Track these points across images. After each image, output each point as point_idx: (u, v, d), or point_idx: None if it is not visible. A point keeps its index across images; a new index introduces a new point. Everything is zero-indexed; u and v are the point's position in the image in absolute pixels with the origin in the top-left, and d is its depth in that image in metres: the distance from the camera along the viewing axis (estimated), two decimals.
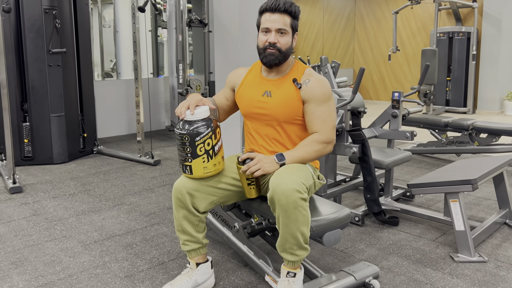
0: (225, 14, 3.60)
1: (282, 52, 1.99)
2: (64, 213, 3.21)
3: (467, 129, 4.39)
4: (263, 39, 2.00)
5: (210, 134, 1.92)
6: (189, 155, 1.92)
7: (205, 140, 1.91)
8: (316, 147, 1.97)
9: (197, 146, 1.91)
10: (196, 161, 1.93)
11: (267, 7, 1.98)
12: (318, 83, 2.02)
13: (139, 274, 2.31)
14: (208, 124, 1.92)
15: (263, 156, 1.90)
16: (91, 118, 5.08)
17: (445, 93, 8.25)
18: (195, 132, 1.90)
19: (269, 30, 1.98)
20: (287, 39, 1.99)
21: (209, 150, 1.93)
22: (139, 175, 4.21)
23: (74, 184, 3.90)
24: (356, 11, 10.04)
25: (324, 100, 1.99)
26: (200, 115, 1.92)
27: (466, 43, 7.91)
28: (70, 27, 4.61)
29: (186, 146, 1.91)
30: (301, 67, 2.08)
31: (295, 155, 1.94)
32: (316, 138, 1.98)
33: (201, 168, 1.94)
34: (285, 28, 1.97)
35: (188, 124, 1.91)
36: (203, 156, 1.92)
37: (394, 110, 3.40)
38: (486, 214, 3.16)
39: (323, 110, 1.99)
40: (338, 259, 2.48)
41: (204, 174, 1.95)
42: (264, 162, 1.88)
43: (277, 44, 1.97)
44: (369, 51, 9.96)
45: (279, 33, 1.98)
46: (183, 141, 1.91)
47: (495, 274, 2.30)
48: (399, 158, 3.07)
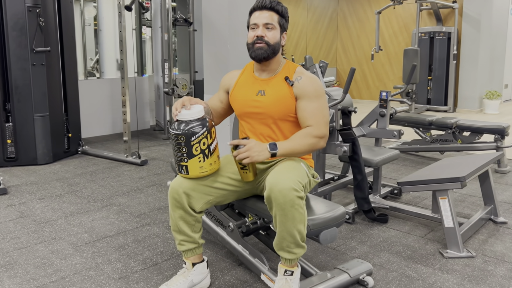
0: (214, 13, 3.59)
1: (270, 45, 2.02)
2: (52, 214, 3.16)
3: (450, 128, 4.48)
4: (251, 35, 2.05)
5: (206, 134, 1.92)
6: (185, 155, 1.92)
7: (201, 140, 1.91)
8: (310, 140, 1.98)
9: (192, 146, 1.91)
10: (192, 161, 1.93)
11: (255, 6, 2.06)
12: (309, 80, 2.05)
13: (133, 275, 2.30)
14: (203, 124, 1.92)
15: (254, 144, 1.88)
16: (75, 118, 5.01)
17: (426, 92, 8.39)
18: (190, 132, 1.90)
19: (256, 25, 2.03)
20: (274, 34, 2.03)
21: (205, 149, 1.93)
22: (127, 175, 4.17)
23: (61, 185, 3.85)
24: (339, 11, 10.13)
25: (316, 97, 2.02)
26: (195, 115, 1.92)
27: (446, 43, 8.06)
28: (54, 25, 4.54)
29: (182, 146, 1.91)
30: (292, 65, 2.11)
31: (287, 146, 1.94)
32: (310, 131, 1.99)
33: (197, 168, 1.94)
34: (271, 23, 2.03)
35: (183, 124, 1.91)
36: (199, 155, 1.92)
37: (381, 109, 3.45)
38: (472, 210, 3.24)
39: (316, 106, 2.01)
40: (331, 256, 2.51)
41: (200, 173, 1.95)
42: (253, 151, 1.87)
43: (265, 38, 2.01)
44: (352, 51, 10.06)
45: (266, 28, 2.02)
46: (178, 141, 1.91)
47: (483, 269, 2.36)
48: (388, 156, 3.12)
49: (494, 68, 8.71)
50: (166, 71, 5.57)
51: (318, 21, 10.17)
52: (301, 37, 10.34)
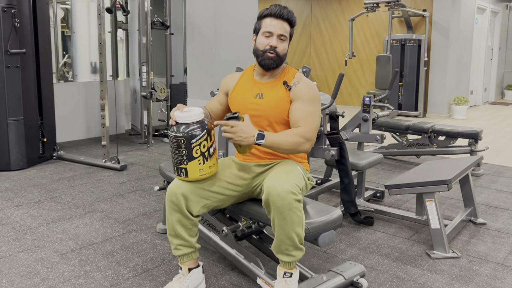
0: (199, 17, 3.58)
1: (280, 57, 2.04)
2: (33, 221, 3.06)
3: (426, 132, 4.61)
4: (264, 42, 2.04)
5: (206, 136, 1.91)
6: (185, 158, 1.91)
7: (201, 142, 1.90)
8: (296, 139, 1.97)
9: (193, 148, 1.89)
10: (192, 164, 1.91)
11: (272, 13, 2.03)
12: (307, 85, 2.07)
13: (125, 283, 2.25)
14: (203, 126, 1.92)
15: (243, 127, 1.86)
16: (50, 122, 4.87)
17: (397, 97, 8.61)
18: (190, 134, 1.88)
19: (271, 34, 2.03)
20: (285, 45, 2.06)
21: (205, 152, 1.92)
22: (106, 180, 4.08)
23: (38, 191, 3.73)
24: (312, 17, 10.27)
25: (311, 101, 2.04)
26: (195, 117, 1.91)
27: (417, 50, 8.30)
28: (29, 26, 4.41)
29: (182, 149, 1.90)
30: (291, 71, 2.13)
31: (274, 140, 1.92)
32: (299, 131, 1.99)
33: (196, 171, 1.93)
34: (285, 35, 2.04)
35: (184, 127, 1.90)
36: (199, 158, 1.91)
37: (364, 114, 3.52)
38: (451, 212, 3.34)
39: (309, 109, 2.04)
40: (322, 259, 2.53)
41: (200, 176, 1.94)
42: (238, 134, 1.85)
43: (277, 49, 2.03)
44: (325, 56, 10.21)
45: (280, 39, 2.03)
46: (178, 143, 1.89)
47: (469, 268, 2.44)
48: (373, 160, 3.18)
49: (461, 75, 9.03)
50: (144, 75, 5.49)
51: None
52: None
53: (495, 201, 3.60)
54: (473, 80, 9.90)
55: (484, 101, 10.77)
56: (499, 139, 6.33)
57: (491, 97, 11.21)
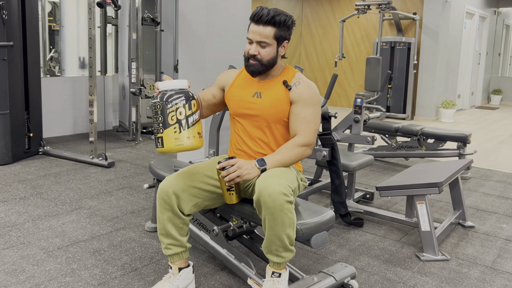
0: (192, 14, 3.54)
1: (263, 63, 1.99)
2: (18, 218, 2.99)
3: (416, 135, 4.63)
4: (246, 49, 2.02)
5: (184, 103, 1.85)
6: (161, 125, 1.85)
7: (177, 108, 1.84)
8: (297, 151, 1.99)
9: (168, 114, 1.84)
10: (167, 131, 1.85)
11: (252, 17, 1.97)
12: (307, 86, 2.05)
13: (113, 281, 2.21)
14: (183, 94, 1.87)
15: (243, 162, 1.87)
16: (37, 117, 4.78)
17: (386, 100, 8.66)
18: (166, 99, 1.84)
19: (251, 41, 1.99)
20: (268, 51, 1.98)
21: (182, 120, 1.85)
22: (94, 177, 4.02)
23: (23, 187, 3.65)
24: (303, 17, 10.28)
25: (311, 104, 2.02)
26: (177, 85, 1.87)
27: (406, 52, 8.35)
28: (17, 19, 4.32)
29: (158, 115, 1.85)
30: (291, 71, 2.10)
31: (276, 159, 1.95)
32: (297, 141, 2.00)
33: (172, 139, 1.85)
34: (265, 41, 1.96)
35: (162, 93, 1.87)
36: (175, 125, 1.84)
37: (356, 115, 3.52)
38: (440, 215, 3.36)
39: (308, 113, 2.02)
40: (312, 260, 2.52)
41: (176, 145, 1.85)
42: (244, 169, 1.86)
43: (258, 56, 1.98)
44: (314, 57, 10.23)
45: (260, 46, 1.98)
46: (155, 110, 1.86)
47: (458, 271, 2.45)
48: (364, 161, 3.18)
49: (449, 79, 9.12)
50: (133, 71, 5.42)
51: None
52: None
53: (483, 204, 3.63)
54: (461, 84, 10.01)
55: (471, 105, 10.90)
56: (486, 143, 6.41)
57: (477, 101, 11.35)
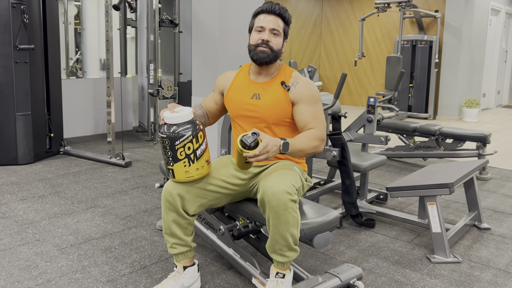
0: (204, 14, 3.58)
1: (274, 51, 2.02)
2: (35, 216, 3.08)
3: (434, 134, 4.56)
4: (256, 37, 2.03)
5: (191, 138, 1.88)
6: (171, 159, 1.90)
7: (185, 144, 1.87)
8: (315, 143, 1.95)
9: (177, 150, 1.87)
10: (177, 165, 1.90)
11: (263, 9, 2.03)
12: (306, 85, 2.05)
13: (122, 279, 2.25)
14: (189, 128, 1.88)
15: (270, 146, 1.77)
16: (58, 118, 4.91)
17: (407, 99, 8.53)
18: (174, 135, 1.86)
19: (263, 28, 2.02)
20: (279, 40, 2.03)
21: (190, 154, 1.89)
22: (110, 176, 4.10)
23: (43, 186, 3.76)
24: (323, 17, 10.22)
25: (314, 101, 2.02)
26: (183, 118, 1.88)
27: (428, 51, 8.21)
28: (38, 23, 4.45)
29: (167, 150, 1.89)
30: (288, 70, 2.11)
31: (297, 146, 1.88)
32: (316, 133, 1.96)
33: (182, 172, 1.91)
34: (278, 29, 2.02)
35: (169, 128, 1.88)
36: (184, 160, 1.89)
37: (369, 115, 3.49)
38: (456, 216, 3.30)
39: (315, 109, 2.02)
40: (320, 261, 2.51)
41: (186, 178, 1.92)
42: (270, 153, 1.78)
43: (270, 43, 2.00)
44: (335, 56, 10.16)
45: (272, 34, 2.02)
46: (164, 144, 1.89)
47: (469, 274, 2.40)
48: (376, 161, 3.15)
49: (473, 77, 8.91)
50: (151, 72, 5.51)
51: (302, 26, 10.24)
52: None
53: (501, 206, 3.54)
54: (486, 83, 9.77)
55: (497, 104, 10.63)
56: (510, 143, 6.24)
57: (504, 100, 11.06)
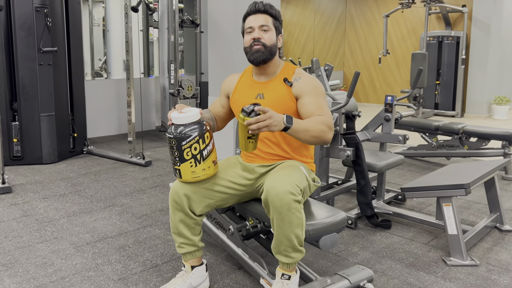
0: (220, 15, 3.59)
1: (267, 47, 2.00)
2: (55, 214, 3.17)
3: (457, 133, 4.43)
4: (248, 38, 2.05)
5: (197, 139, 1.89)
6: (177, 159, 1.91)
7: (192, 145, 1.89)
8: (321, 127, 1.91)
9: (183, 150, 1.89)
10: (184, 165, 1.91)
11: (249, 11, 2.06)
12: (309, 79, 2.04)
13: (133, 277, 2.29)
14: (196, 128, 1.89)
15: (273, 113, 1.75)
16: (81, 118, 5.03)
17: (434, 96, 8.34)
18: (181, 136, 1.88)
19: (252, 28, 2.02)
20: (270, 35, 2.02)
21: (197, 154, 1.90)
22: (130, 176, 4.18)
23: (65, 185, 3.86)
24: (347, 14, 10.10)
25: (318, 93, 2.00)
26: (189, 118, 1.90)
27: (455, 47, 8.00)
28: (61, 25, 4.56)
29: (174, 150, 1.90)
30: (291, 67, 2.10)
31: (301, 124, 1.85)
32: (322, 119, 1.93)
33: (189, 173, 1.92)
34: (267, 25, 2.02)
35: (176, 128, 1.90)
36: (190, 160, 1.90)
37: (387, 113, 3.42)
38: (477, 218, 3.20)
39: (319, 101, 1.99)
40: (332, 262, 2.48)
41: (193, 178, 1.94)
42: (273, 120, 1.75)
43: (262, 40, 2.00)
44: (359, 54, 10.02)
45: (262, 30, 2.02)
46: (171, 144, 1.91)
47: (487, 278, 2.33)
48: (392, 161, 3.09)
49: (504, 74, 8.63)
50: (172, 73, 5.57)
51: (326, 23, 10.15)
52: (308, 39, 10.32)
53: None
54: None
55: None
56: None
57: None
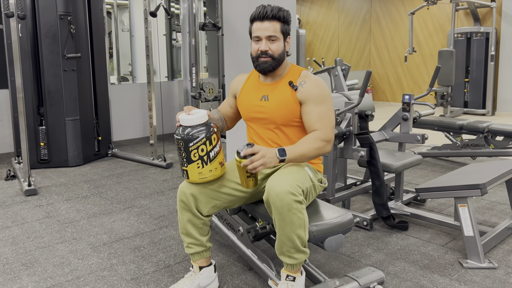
0: (235, 17, 3.62)
1: (275, 58, 2.00)
2: (76, 215, 3.26)
3: (482, 132, 4.30)
4: (255, 48, 2.02)
5: (204, 140, 1.91)
6: (185, 160, 1.94)
7: (199, 146, 1.91)
8: (317, 144, 1.94)
9: (191, 151, 1.91)
10: (191, 166, 1.94)
11: (256, 16, 1.99)
12: (314, 84, 2.02)
13: (145, 277, 2.33)
14: (203, 130, 1.92)
15: (266, 151, 1.83)
16: (105, 122, 5.16)
17: (463, 94, 8.11)
18: (188, 137, 1.90)
19: (259, 38, 1.99)
20: (278, 45, 1.99)
21: (204, 156, 1.93)
22: (151, 178, 4.25)
23: (88, 187, 3.97)
24: (372, 12, 9.96)
25: (321, 100, 1.99)
26: (197, 120, 1.92)
27: (484, 43, 7.76)
28: (84, 32, 4.70)
29: (182, 151, 1.93)
30: (297, 69, 2.08)
31: (296, 151, 1.90)
32: (318, 135, 1.95)
33: (196, 174, 1.95)
34: (275, 35, 1.98)
35: (183, 129, 1.92)
36: (198, 161, 1.93)
37: (404, 113, 3.36)
38: (499, 219, 3.09)
39: (321, 110, 1.98)
40: (344, 264, 2.46)
41: (200, 179, 1.96)
42: (267, 158, 1.81)
43: (269, 51, 1.98)
44: (385, 52, 9.86)
45: (270, 40, 1.98)
46: (178, 145, 1.94)
47: (504, 281, 2.25)
48: (409, 161, 3.03)
49: None
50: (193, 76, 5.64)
51: (351, 23, 10.04)
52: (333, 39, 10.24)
53: None
54: None
55: None
56: None
57: None
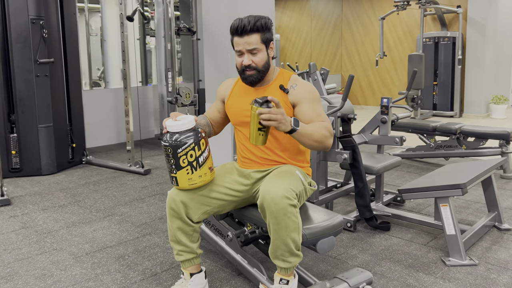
0: (214, 22, 3.61)
1: (260, 69, 2.00)
2: (54, 225, 3.17)
3: (454, 133, 4.44)
4: (239, 61, 2.01)
5: (193, 146, 1.90)
6: (174, 167, 1.92)
7: (188, 152, 1.90)
8: (324, 132, 1.91)
9: (179, 158, 1.90)
10: (180, 173, 1.92)
11: (233, 31, 1.97)
12: (305, 86, 2.04)
13: (132, 286, 2.29)
14: (191, 136, 1.91)
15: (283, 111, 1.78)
16: (79, 128, 5.04)
17: (432, 97, 8.35)
18: (176, 143, 1.89)
19: (241, 52, 1.97)
20: (261, 56, 1.98)
21: (193, 161, 1.91)
22: (130, 185, 4.18)
23: (64, 196, 3.86)
24: (343, 17, 10.13)
25: (315, 100, 2.01)
26: (184, 126, 1.91)
27: (451, 47, 8.02)
28: (57, 36, 4.59)
29: (170, 158, 1.91)
30: (286, 74, 2.10)
31: (307, 128, 1.86)
32: (324, 124, 1.94)
33: (186, 180, 1.93)
34: (255, 47, 1.96)
35: (171, 136, 1.91)
36: (187, 167, 1.91)
37: (383, 116, 3.43)
38: (476, 217, 3.20)
39: (317, 108, 2.00)
40: (331, 265, 2.48)
41: (190, 185, 1.94)
42: (284, 117, 1.76)
43: (252, 64, 1.98)
44: (356, 57, 10.05)
45: (252, 54, 1.97)
46: (167, 152, 1.92)
47: (486, 277, 2.33)
48: (389, 163, 3.09)
49: (501, 73, 8.64)
50: (169, 80, 5.59)
51: (323, 28, 10.18)
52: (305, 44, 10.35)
53: None
54: None
55: None
56: None
57: None
